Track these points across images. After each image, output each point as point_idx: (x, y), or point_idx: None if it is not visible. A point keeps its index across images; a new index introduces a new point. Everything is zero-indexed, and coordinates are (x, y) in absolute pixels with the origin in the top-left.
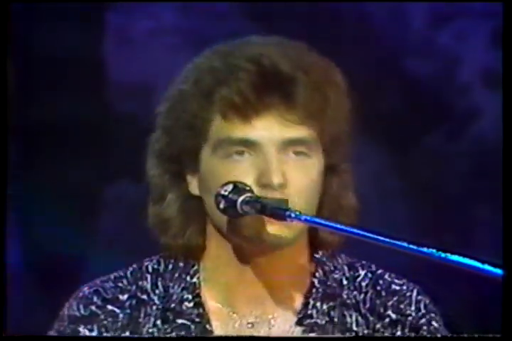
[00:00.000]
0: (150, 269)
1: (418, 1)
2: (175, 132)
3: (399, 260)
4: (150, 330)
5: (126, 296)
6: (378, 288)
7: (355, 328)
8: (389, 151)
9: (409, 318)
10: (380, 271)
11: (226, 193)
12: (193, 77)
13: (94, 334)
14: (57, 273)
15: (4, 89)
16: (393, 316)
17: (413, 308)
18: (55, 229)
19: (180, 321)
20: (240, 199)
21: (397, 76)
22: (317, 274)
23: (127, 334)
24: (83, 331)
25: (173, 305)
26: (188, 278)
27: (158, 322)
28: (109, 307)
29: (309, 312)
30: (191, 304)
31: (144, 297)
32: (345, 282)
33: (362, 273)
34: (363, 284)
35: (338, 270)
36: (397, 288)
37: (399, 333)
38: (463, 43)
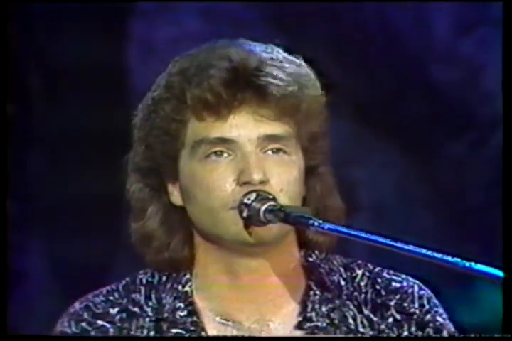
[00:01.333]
0: (144, 281)
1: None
2: (151, 141)
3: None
4: None
5: (116, 310)
6: (378, 287)
7: (361, 329)
8: (413, 159)
9: (414, 317)
10: (377, 269)
11: (249, 202)
12: (164, 82)
13: None
14: (80, 281)
15: (4, 91)
16: (397, 316)
17: (416, 305)
18: (78, 237)
19: (174, 331)
20: (263, 207)
21: (421, 84)
22: (313, 277)
23: None
24: None
25: (166, 315)
26: (180, 287)
27: (152, 333)
28: (99, 322)
29: (308, 315)
30: (184, 312)
31: (136, 310)
32: (343, 283)
33: (359, 272)
34: (362, 284)
35: (334, 272)
36: (398, 285)
37: (405, 333)
38: (486, 51)
